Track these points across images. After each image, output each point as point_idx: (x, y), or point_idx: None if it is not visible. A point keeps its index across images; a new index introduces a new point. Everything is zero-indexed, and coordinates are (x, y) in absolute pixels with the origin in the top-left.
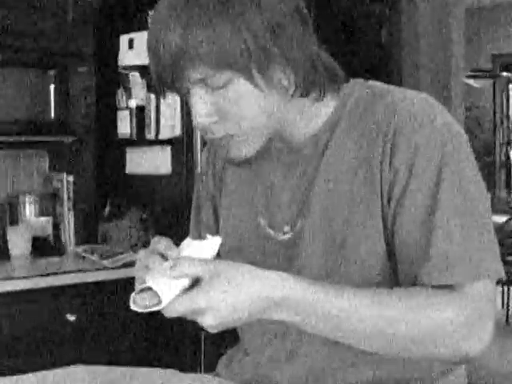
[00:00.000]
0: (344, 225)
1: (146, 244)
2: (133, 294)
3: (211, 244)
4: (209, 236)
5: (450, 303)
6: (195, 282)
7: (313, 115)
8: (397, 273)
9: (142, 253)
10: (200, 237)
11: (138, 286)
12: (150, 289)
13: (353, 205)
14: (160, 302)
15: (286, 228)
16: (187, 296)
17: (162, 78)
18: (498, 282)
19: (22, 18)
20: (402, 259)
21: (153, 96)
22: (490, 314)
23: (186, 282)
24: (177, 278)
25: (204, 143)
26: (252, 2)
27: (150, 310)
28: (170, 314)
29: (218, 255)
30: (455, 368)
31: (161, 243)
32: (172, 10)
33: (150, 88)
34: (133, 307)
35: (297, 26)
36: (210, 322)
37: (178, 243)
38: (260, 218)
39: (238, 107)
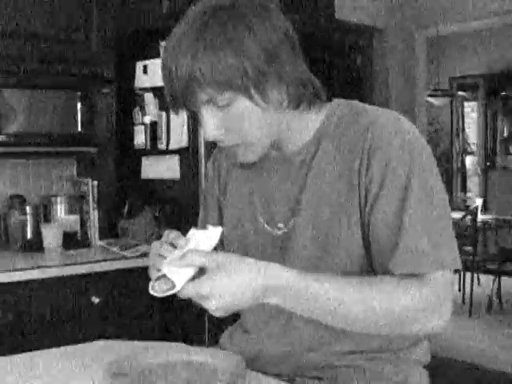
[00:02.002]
0: (328, 223)
1: (158, 237)
2: (151, 282)
3: (214, 233)
4: (210, 227)
5: (416, 287)
6: (202, 270)
7: (302, 128)
8: (373, 264)
9: (155, 243)
10: (205, 228)
11: (154, 274)
12: (164, 276)
13: (336, 206)
14: (174, 286)
15: (281, 225)
16: (194, 283)
17: (176, 99)
18: (455, 270)
19: (52, 46)
20: (375, 253)
21: (164, 113)
22: (449, 297)
23: (194, 269)
24: (186, 267)
25: (208, 152)
26: (249, 31)
27: (166, 294)
28: (183, 296)
29: (221, 243)
30: (421, 341)
31: (171, 234)
32: (182, 41)
33: (161, 106)
34: (152, 293)
35: (287, 49)
36: (213, 306)
37: (185, 234)
38: (259, 216)
39: (241, 122)
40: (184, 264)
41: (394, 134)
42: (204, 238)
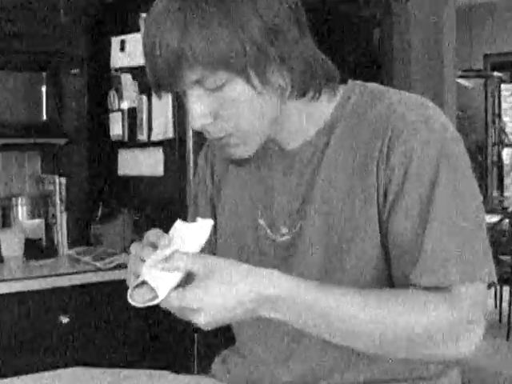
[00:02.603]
0: (342, 228)
1: None
2: (129, 290)
3: (203, 227)
4: (199, 219)
5: (440, 305)
6: (189, 276)
7: (309, 118)
8: (391, 273)
9: (134, 245)
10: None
11: (133, 281)
12: (145, 283)
13: (350, 208)
14: (156, 296)
15: (284, 230)
16: (180, 294)
17: (159, 79)
18: (490, 285)
19: (13, 20)
20: (395, 260)
21: (145, 97)
22: (480, 315)
23: (180, 275)
24: (171, 271)
25: (197, 145)
26: (249, 3)
27: (147, 304)
28: (166, 307)
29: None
30: (449, 369)
31: (152, 234)
32: (168, 12)
33: (141, 90)
34: (131, 302)
35: (293, 27)
36: (202, 321)
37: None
38: (259, 219)
39: (235, 108)
40: (168, 268)
41: (419, 123)
42: (191, 233)
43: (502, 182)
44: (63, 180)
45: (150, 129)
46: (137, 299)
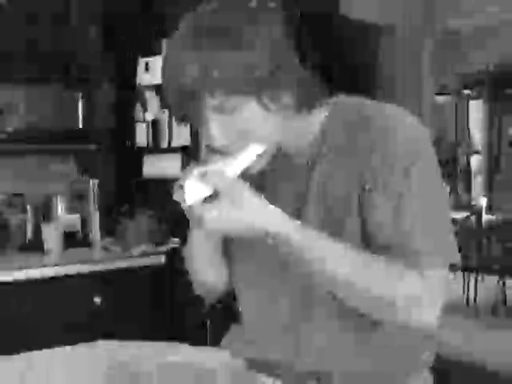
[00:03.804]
0: (331, 223)
1: (161, 235)
2: (175, 187)
3: (252, 151)
4: (251, 145)
5: (414, 278)
6: (217, 193)
7: (305, 129)
8: None
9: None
10: None
11: (177, 183)
12: (181, 188)
13: (338, 206)
14: (185, 201)
15: None
16: (201, 207)
17: (179, 105)
18: (460, 270)
19: (55, 44)
20: (374, 252)
21: (166, 111)
22: (443, 293)
23: (209, 190)
24: (203, 184)
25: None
26: (261, 38)
27: (181, 203)
28: (188, 214)
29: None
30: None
31: (206, 151)
32: (186, 45)
33: (163, 104)
34: (174, 197)
35: (293, 49)
36: (208, 229)
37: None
38: None
39: (248, 127)
40: (201, 181)
41: (396, 128)
42: (240, 155)
43: (470, 184)
44: (96, 181)
45: (170, 137)
46: (176, 197)
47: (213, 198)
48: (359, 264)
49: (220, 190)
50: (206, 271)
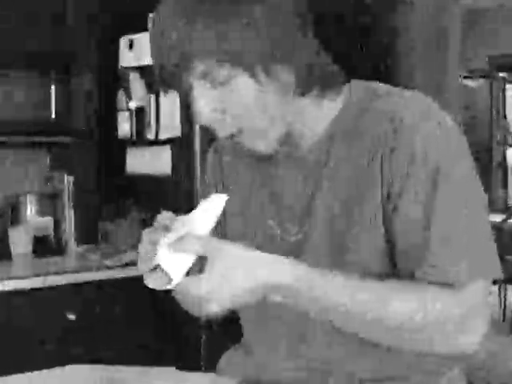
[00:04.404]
0: (346, 227)
1: None
2: (145, 273)
3: (216, 202)
4: (213, 195)
5: (448, 299)
6: (201, 258)
7: (316, 117)
8: (397, 273)
9: (146, 231)
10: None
11: (146, 265)
12: (159, 266)
13: (354, 207)
14: (171, 280)
15: (294, 230)
16: (192, 282)
17: (165, 73)
18: (494, 282)
19: (22, 21)
20: (400, 259)
21: (153, 96)
22: (483, 312)
23: (192, 258)
24: (183, 253)
25: (204, 143)
26: (260, 3)
27: (162, 288)
28: (179, 292)
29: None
30: (453, 366)
31: (164, 217)
32: (178, 4)
33: (150, 88)
34: (148, 285)
35: (299, 27)
36: (212, 309)
37: None
38: (270, 220)
39: (240, 102)
40: (180, 250)
41: (421, 122)
42: (206, 208)
43: (507, 181)
44: (71, 178)
45: (157, 127)
46: (152, 283)
47: (197, 265)
48: (374, 291)
49: (204, 254)
50: (200, 309)
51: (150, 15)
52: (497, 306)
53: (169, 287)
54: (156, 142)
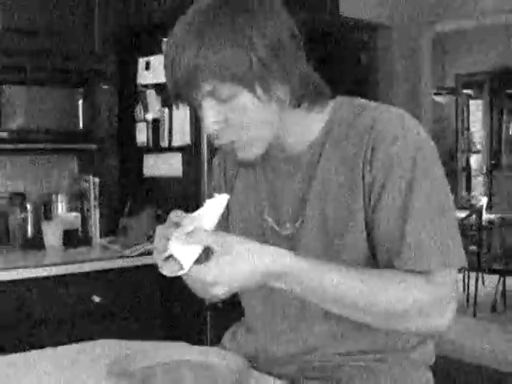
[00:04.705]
0: (334, 223)
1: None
2: (159, 262)
3: (220, 201)
4: (216, 194)
5: (421, 285)
6: (208, 249)
7: (306, 128)
8: (378, 262)
9: (159, 227)
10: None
11: (159, 257)
12: (172, 256)
13: (341, 206)
14: (182, 267)
15: (289, 224)
16: (200, 269)
17: (178, 90)
18: (459, 269)
19: (53, 42)
20: (380, 252)
21: (166, 110)
22: (453, 296)
23: (200, 248)
24: (192, 245)
25: (211, 150)
26: (255, 25)
27: (175, 275)
28: (188, 280)
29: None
30: (425, 341)
31: (174, 215)
32: (187, 32)
33: (164, 103)
34: (162, 272)
35: (292, 46)
36: (218, 292)
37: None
38: (266, 216)
39: (243, 116)
40: (190, 242)
41: (398, 130)
42: (211, 206)
43: (470, 183)
44: (96, 180)
45: (170, 136)
46: (166, 271)
47: (204, 256)
48: (371, 283)
49: (211, 246)
50: (207, 294)
51: (164, 40)
52: (461, 291)
53: (180, 273)
54: (169, 149)
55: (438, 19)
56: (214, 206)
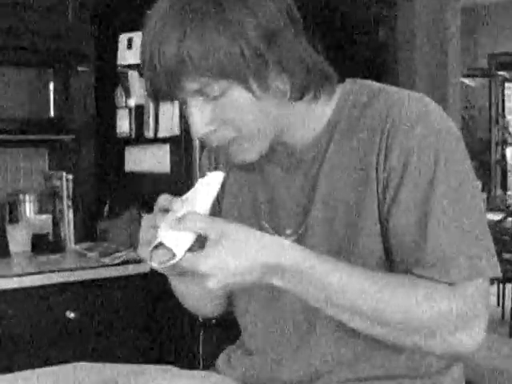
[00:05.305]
0: (344, 227)
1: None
2: (147, 253)
3: (213, 180)
4: (208, 173)
5: (445, 297)
6: (201, 236)
7: (311, 118)
8: (394, 270)
9: (146, 216)
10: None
11: (147, 247)
12: (162, 244)
13: (352, 205)
14: (174, 255)
15: (289, 231)
16: (193, 259)
17: (158, 89)
18: (493, 281)
19: (21, 18)
20: (397, 257)
21: None
22: (483, 311)
23: (193, 235)
24: (185, 231)
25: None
26: (247, 10)
27: (167, 265)
28: (181, 267)
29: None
30: (452, 366)
31: (163, 199)
32: (166, 20)
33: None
34: (152, 265)
35: (290, 31)
36: (212, 285)
37: None
38: (263, 221)
39: (236, 114)
40: (182, 228)
41: (417, 118)
42: (203, 187)
43: (506, 180)
44: (70, 176)
45: (156, 126)
46: (156, 261)
47: (198, 244)
48: (383, 289)
49: (206, 233)
50: (198, 306)
51: (149, 12)
52: (495, 305)
53: (172, 262)
54: (155, 140)
55: None
56: (207, 187)
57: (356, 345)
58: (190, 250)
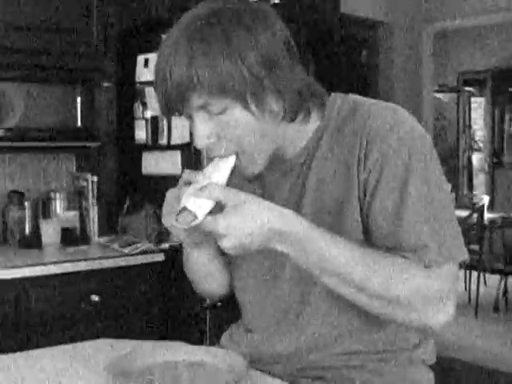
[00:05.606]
0: (330, 220)
1: (159, 234)
2: (172, 217)
3: (227, 161)
4: (217, 158)
5: (422, 275)
6: (219, 204)
7: (302, 131)
8: None
9: (170, 190)
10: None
11: (172, 215)
12: (185, 209)
13: (336, 206)
14: (196, 218)
15: None
16: (212, 220)
17: (169, 104)
18: (460, 267)
19: (52, 40)
20: (377, 244)
21: None
22: (453, 290)
23: (212, 202)
24: (206, 199)
25: None
26: (249, 39)
27: (191, 225)
28: (203, 228)
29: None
30: (426, 340)
31: (186, 173)
32: (177, 45)
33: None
34: (177, 225)
35: (286, 59)
36: (227, 244)
37: None
38: None
39: (235, 130)
40: (204, 195)
41: (392, 125)
42: (219, 165)
43: (472, 182)
44: (95, 178)
45: (169, 134)
46: (181, 222)
47: (216, 211)
48: (370, 261)
49: (223, 201)
50: (205, 281)
51: (163, 36)
52: (463, 290)
53: (195, 223)
54: (168, 147)
55: (439, 16)
56: (224, 163)
57: (343, 323)
58: (209, 214)
